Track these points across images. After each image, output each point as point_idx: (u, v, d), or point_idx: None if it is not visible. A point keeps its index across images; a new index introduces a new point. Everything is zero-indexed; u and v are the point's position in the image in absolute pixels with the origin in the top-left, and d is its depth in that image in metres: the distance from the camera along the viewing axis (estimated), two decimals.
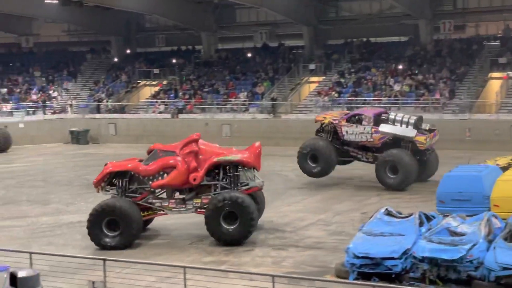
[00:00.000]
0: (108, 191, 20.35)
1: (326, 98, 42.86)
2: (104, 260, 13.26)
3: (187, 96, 47.07)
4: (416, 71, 43.10)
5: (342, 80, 44.67)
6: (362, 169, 30.17)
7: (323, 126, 28.72)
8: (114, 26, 53.82)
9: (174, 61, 52.24)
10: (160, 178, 19.97)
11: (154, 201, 20.28)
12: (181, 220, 22.84)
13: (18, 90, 50.98)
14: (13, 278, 11.76)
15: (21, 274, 11.77)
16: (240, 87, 47.06)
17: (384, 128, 27.18)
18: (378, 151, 27.50)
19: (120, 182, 20.16)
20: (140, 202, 20.09)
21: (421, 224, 15.91)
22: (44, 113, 48.07)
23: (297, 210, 24.04)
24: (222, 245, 19.33)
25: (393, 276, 14.70)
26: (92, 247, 19.69)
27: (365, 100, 41.47)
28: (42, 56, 56.39)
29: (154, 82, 51.60)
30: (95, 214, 19.48)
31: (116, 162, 20.94)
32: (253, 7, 48.78)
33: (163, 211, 20.34)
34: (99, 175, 20.37)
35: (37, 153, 41.83)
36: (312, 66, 46.74)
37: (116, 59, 54.98)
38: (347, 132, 27.63)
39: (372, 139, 27.28)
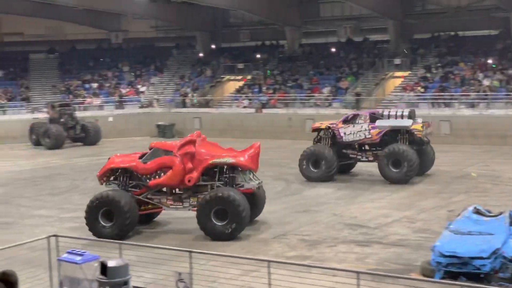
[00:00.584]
0: (111, 184, 21.05)
1: (411, 93, 42.13)
2: (190, 252, 13.46)
3: (271, 91, 47.26)
4: (507, 66, 41.76)
5: (428, 75, 43.80)
6: (448, 164, 29.50)
7: (320, 134, 29.24)
8: (200, 22, 54.60)
9: (258, 56, 52.54)
10: (157, 177, 20.50)
11: (153, 197, 20.84)
12: (263, 214, 22.99)
13: (108, 84, 52.49)
14: (103, 267, 12.09)
15: (111, 264, 12.06)
16: (323, 82, 46.87)
17: (380, 122, 27.80)
18: (377, 149, 28.06)
19: (122, 177, 20.91)
20: (139, 197, 20.67)
21: (511, 223, 15.43)
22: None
23: (381, 206, 23.74)
24: (305, 241, 19.36)
25: (482, 276, 14.32)
26: (177, 238, 20.10)
27: (452, 95, 40.53)
28: (131, 51, 57.88)
29: (239, 77, 52.07)
30: (92, 205, 20.18)
31: (119, 157, 21.60)
32: (338, 1, 48.43)
33: (161, 207, 20.93)
34: (101, 170, 21.23)
35: (125, 146, 42.88)
36: (397, 61, 46.03)
37: (201, 54, 55.77)
38: (345, 133, 28.19)
39: (370, 135, 27.83)
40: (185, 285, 12.97)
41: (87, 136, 43.85)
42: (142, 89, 52.27)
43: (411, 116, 28.07)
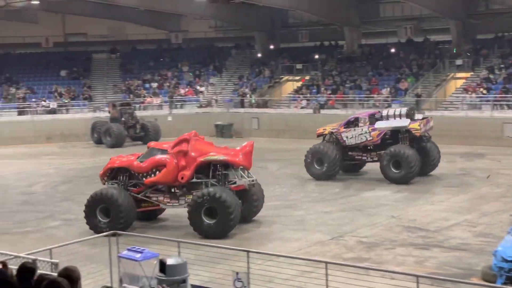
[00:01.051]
0: (112, 184, 21.87)
1: (473, 95, 41.29)
2: (248, 251, 13.51)
3: (329, 92, 47.03)
4: None
5: (491, 76, 42.84)
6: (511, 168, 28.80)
7: (325, 139, 29.94)
8: (258, 22, 54.75)
9: (316, 56, 52.35)
10: (153, 175, 21.22)
11: (151, 195, 21.57)
12: (320, 215, 22.91)
13: (168, 84, 53.13)
14: (162, 265, 12.24)
15: (170, 261, 12.21)
16: (383, 82, 46.39)
17: (379, 124, 28.54)
18: (379, 149, 28.57)
19: (121, 176, 21.75)
20: (138, 196, 21.46)
21: None
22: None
23: (441, 209, 23.33)
24: (362, 242, 19.20)
25: None
26: (234, 237, 20.21)
27: None
28: (190, 51, 58.44)
29: (297, 77, 51.98)
30: (90, 201, 21.06)
31: (118, 157, 22.68)
32: (398, 1, 47.84)
33: (159, 204, 21.62)
34: (103, 169, 22.27)
35: None
36: (459, 62, 45.18)
37: (259, 55, 55.89)
38: (347, 137, 28.94)
39: (371, 137, 28.56)
40: (242, 284, 13.02)
41: (146, 135, 44.44)
42: (201, 89, 52.70)
43: (410, 114, 28.54)
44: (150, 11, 53.15)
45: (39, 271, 6.82)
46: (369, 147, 29.18)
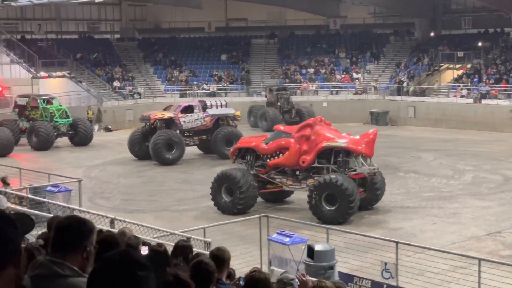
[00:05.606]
0: (240, 163, 22.72)
1: None
2: (397, 243, 13.34)
3: (491, 81, 44.96)
4: None
5: None
6: None
7: (155, 124, 32.71)
8: (419, 8, 53.29)
9: (480, 44, 50.16)
10: (277, 157, 21.78)
11: (275, 176, 22.01)
12: (477, 209, 22.08)
13: (324, 70, 53.19)
14: (310, 250, 12.40)
15: (318, 247, 12.36)
16: None
17: (211, 111, 33.58)
18: (204, 133, 33.33)
19: (249, 156, 22.43)
20: (264, 176, 22.02)
21: None
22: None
23: None
24: None
25: None
26: (384, 227, 19.99)
27: None
28: (348, 37, 58.05)
29: (457, 66, 50.10)
30: (216, 180, 21.87)
31: (246, 138, 24.06)
32: None
33: (282, 186, 22.02)
34: (232, 148, 23.47)
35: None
36: None
37: (419, 41, 54.45)
38: (184, 121, 32.91)
39: (205, 122, 33.43)
40: (390, 275, 12.90)
41: (301, 120, 44.71)
42: (357, 75, 52.27)
43: (227, 105, 34.86)
44: None
45: (195, 249, 7.17)
46: (190, 133, 33.05)
